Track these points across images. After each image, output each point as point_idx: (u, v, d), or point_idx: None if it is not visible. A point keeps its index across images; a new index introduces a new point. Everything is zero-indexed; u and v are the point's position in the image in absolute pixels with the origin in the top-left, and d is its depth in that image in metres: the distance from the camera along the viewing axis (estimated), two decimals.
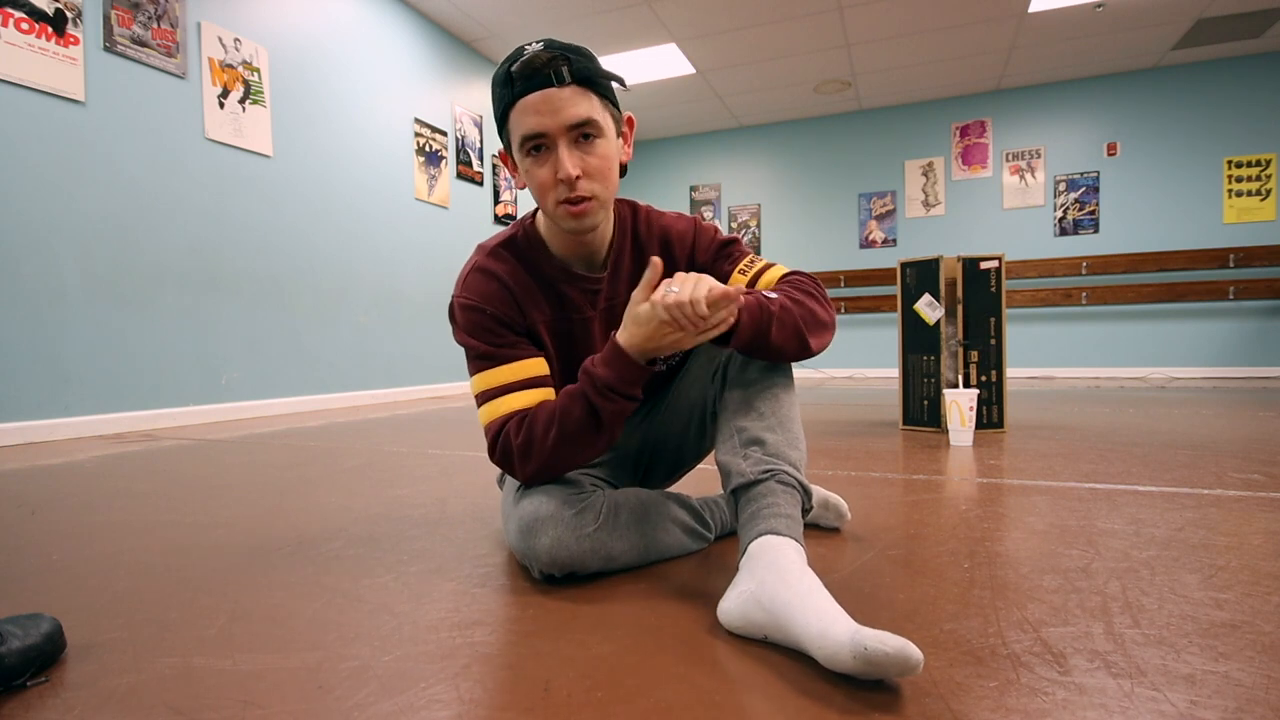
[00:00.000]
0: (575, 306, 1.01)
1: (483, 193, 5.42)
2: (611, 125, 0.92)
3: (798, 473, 0.87)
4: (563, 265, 1.00)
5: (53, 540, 1.24)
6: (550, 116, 0.86)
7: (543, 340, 1.01)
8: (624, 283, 1.03)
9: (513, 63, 0.87)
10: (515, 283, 0.98)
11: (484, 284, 0.97)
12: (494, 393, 0.96)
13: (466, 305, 0.97)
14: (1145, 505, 1.33)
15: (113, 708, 0.63)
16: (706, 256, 1.05)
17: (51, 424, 2.67)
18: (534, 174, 0.89)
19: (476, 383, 0.98)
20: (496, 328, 0.97)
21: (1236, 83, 5.59)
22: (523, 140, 0.88)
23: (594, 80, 0.88)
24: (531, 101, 0.86)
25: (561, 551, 0.90)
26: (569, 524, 0.91)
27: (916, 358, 2.52)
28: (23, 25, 2.60)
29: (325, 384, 3.94)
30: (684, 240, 1.05)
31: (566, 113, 0.86)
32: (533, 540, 0.91)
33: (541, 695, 0.63)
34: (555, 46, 0.87)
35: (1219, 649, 0.70)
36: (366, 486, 1.67)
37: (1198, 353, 5.67)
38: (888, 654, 0.60)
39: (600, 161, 0.89)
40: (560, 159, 0.87)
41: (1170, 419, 2.74)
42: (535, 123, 0.86)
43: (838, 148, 6.81)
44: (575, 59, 0.87)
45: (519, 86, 0.86)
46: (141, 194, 3.00)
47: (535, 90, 0.86)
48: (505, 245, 1.01)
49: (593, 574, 0.96)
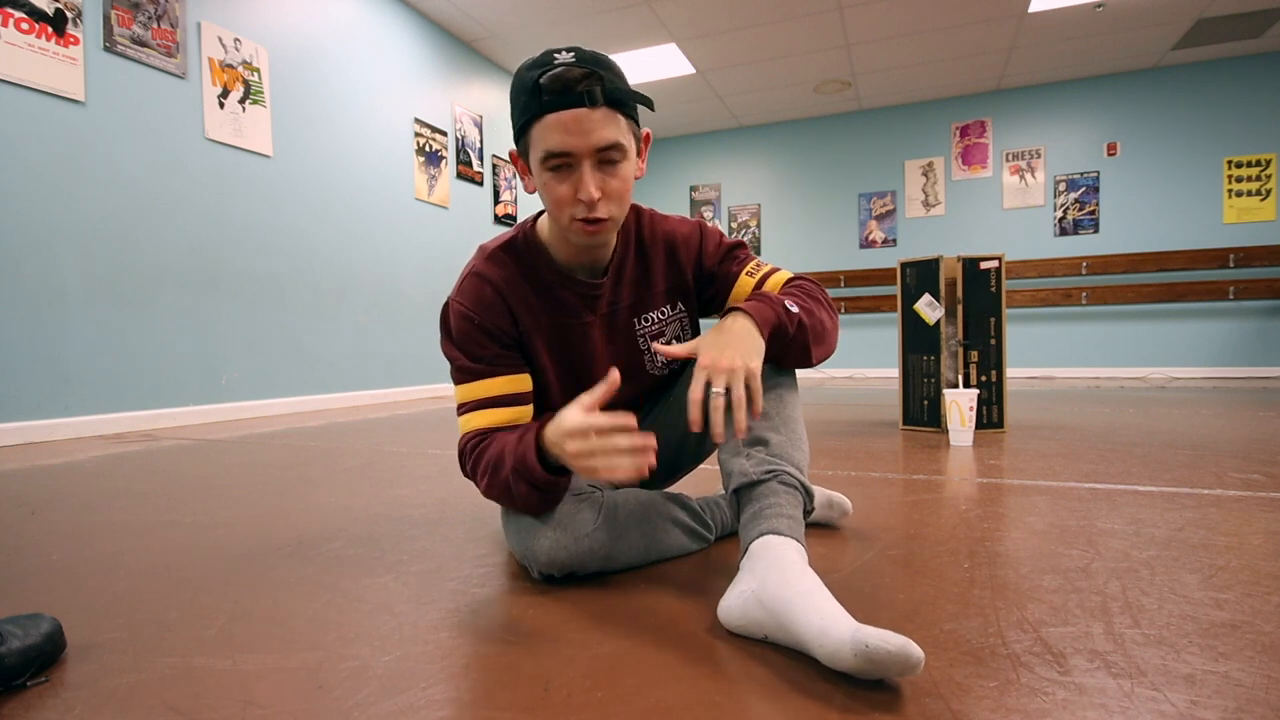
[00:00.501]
0: (574, 311, 1.00)
1: (483, 193, 5.42)
2: (633, 145, 0.91)
3: (800, 474, 0.88)
4: (563, 270, 1.00)
5: (53, 540, 1.24)
6: (580, 138, 0.84)
7: (535, 350, 1.00)
8: (626, 288, 1.03)
9: (542, 71, 0.84)
10: (511, 289, 0.98)
11: (479, 290, 0.97)
12: (468, 406, 0.97)
13: (459, 312, 0.97)
14: (1145, 505, 1.33)
15: (113, 708, 0.63)
16: (713, 260, 1.05)
17: (51, 424, 2.67)
18: (553, 188, 0.88)
19: (459, 393, 0.99)
20: (483, 339, 0.97)
21: (1236, 83, 5.59)
22: (547, 155, 0.86)
23: (624, 102, 0.87)
24: (562, 120, 0.84)
25: (560, 552, 0.91)
26: (568, 525, 0.91)
27: (916, 358, 2.52)
28: (23, 25, 2.60)
29: (325, 384, 3.94)
30: (689, 244, 1.05)
31: (596, 135, 0.85)
32: (531, 541, 0.92)
33: (541, 695, 0.63)
34: (587, 60, 0.85)
35: (1219, 649, 0.70)
36: (366, 486, 1.67)
37: (1198, 353, 5.67)
38: (889, 652, 0.60)
39: (620, 184, 0.89)
40: (584, 180, 0.86)
41: (1170, 419, 2.74)
42: (563, 141, 0.84)
43: (838, 148, 6.81)
44: (608, 78, 0.85)
45: (549, 100, 0.84)
46: (141, 194, 3.00)
47: (566, 108, 0.84)
48: (505, 248, 1.00)
49: (592, 574, 0.96)
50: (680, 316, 1.08)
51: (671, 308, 1.06)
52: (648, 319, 1.05)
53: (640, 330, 1.05)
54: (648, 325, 1.05)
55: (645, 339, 1.05)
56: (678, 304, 1.06)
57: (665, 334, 1.06)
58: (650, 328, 1.05)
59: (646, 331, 1.05)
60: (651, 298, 1.04)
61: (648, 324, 1.05)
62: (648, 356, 1.06)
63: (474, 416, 0.97)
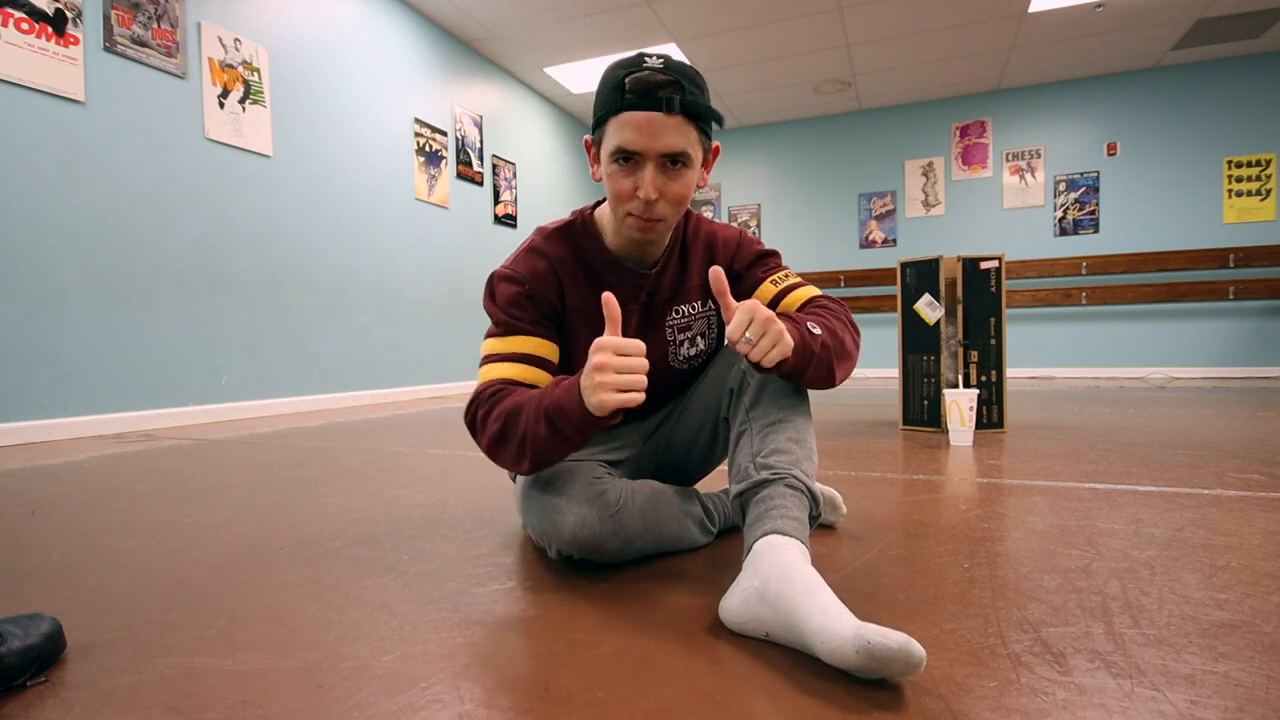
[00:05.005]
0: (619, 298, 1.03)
1: (483, 193, 5.42)
2: (699, 156, 0.95)
3: (807, 479, 0.89)
4: (613, 258, 1.04)
5: (53, 540, 1.24)
6: (650, 139, 0.89)
7: (575, 329, 1.04)
8: (668, 280, 1.07)
9: (630, 71, 0.89)
10: (564, 268, 1.03)
11: (533, 261, 1.02)
12: (495, 357, 0.99)
13: (507, 275, 1.01)
14: (1145, 505, 1.33)
15: (113, 708, 0.63)
16: (744, 264, 1.10)
17: (51, 424, 2.67)
18: (617, 181, 0.93)
19: (485, 346, 1.01)
20: (525, 303, 1.00)
21: (1236, 83, 5.59)
22: (617, 150, 0.91)
23: (699, 115, 0.91)
24: (636, 120, 0.88)
25: (584, 530, 0.92)
26: (593, 503, 0.93)
27: (916, 358, 2.52)
28: (23, 25, 2.60)
29: (325, 384, 3.94)
30: (728, 246, 1.10)
31: (665, 140, 0.89)
32: (556, 518, 0.93)
33: (541, 695, 0.63)
34: (673, 69, 0.89)
35: (1219, 649, 0.70)
36: (366, 486, 1.67)
37: (1198, 353, 5.67)
38: (891, 650, 0.60)
39: (681, 189, 0.93)
40: (646, 179, 0.90)
41: (1170, 419, 2.74)
42: (633, 139, 0.89)
43: (838, 148, 6.81)
44: (689, 89, 0.89)
45: (629, 99, 0.88)
46: (141, 194, 3.00)
47: (643, 110, 0.88)
48: (562, 231, 1.05)
49: (604, 563, 0.97)
50: (709, 314, 1.12)
51: (702, 304, 1.11)
52: (679, 312, 1.09)
53: (670, 322, 1.09)
54: (678, 318, 1.09)
55: (674, 330, 1.09)
56: (708, 301, 1.11)
57: (692, 329, 1.11)
58: (680, 320, 1.09)
59: (675, 324, 1.09)
60: (686, 292, 1.09)
61: (678, 317, 1.09)
62: (672, 348, 1.10)
63: (497, 367, 0.98)
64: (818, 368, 0.92)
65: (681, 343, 1.10)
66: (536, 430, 0.88)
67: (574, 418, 0.85)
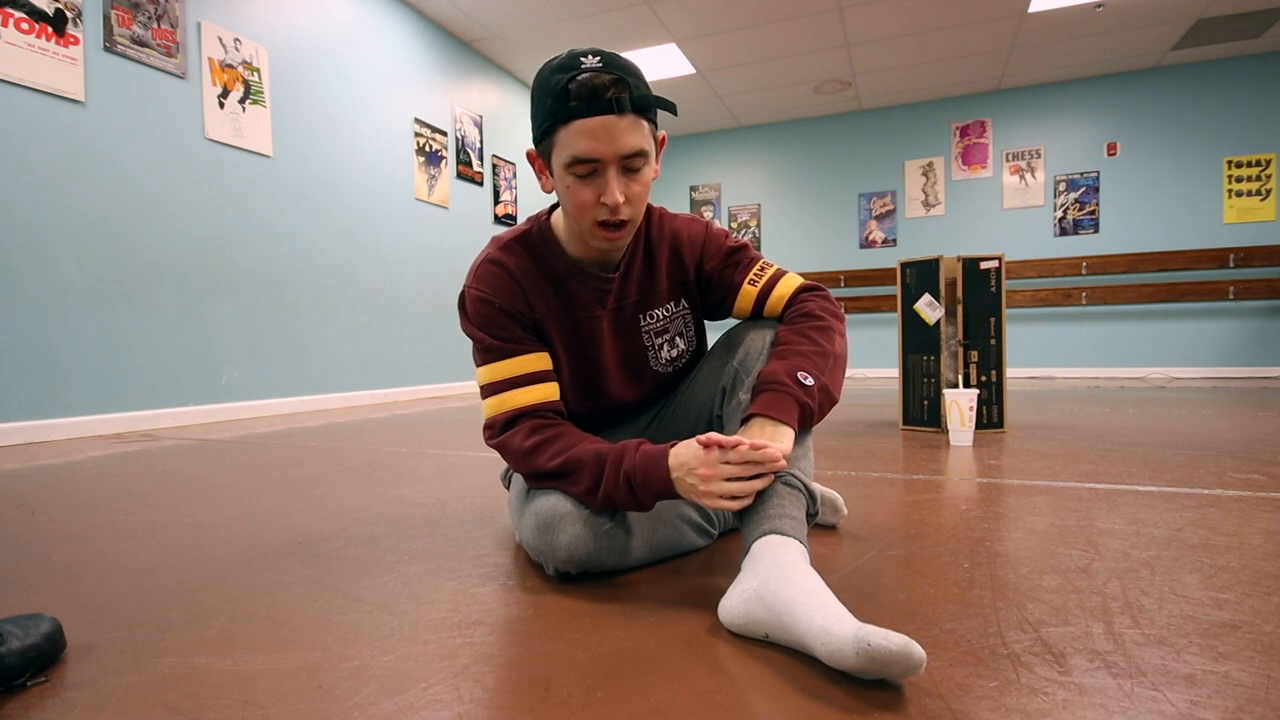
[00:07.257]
0: (583, 304, 1.03)
1: (483, 193, 5.42)
2: (653, 149, 0.93)
3: (804, 477, 0.88)
4: (574, 263, 1.02)
5: (53, 540, 1.24)
6: (608, 144, 0.86)
7: (550, 337, 1.02)
8: (634, 283, 1.05)
9: (570, 75, 0.85)
10: (525, 277, 1.00)
11: (494, 276, 0.99)
12: (501, 386, 0.98)
13: (477, 296, 0.99)
14: (1145, 505, 1.33)
15: (113, 708, 0.63)
16: (715, 263, 1.06)
17: (51, 424, 2.67)
18: (576, 192, 0.89)
19: (483, 374, 1.00)
20: (504, 320, 0.98)
21: (1236, 83, 5.59)
22: (573, 160, 0.87)
23: (648, 108, 0.89)
24: (590, 127, 0.85)
25: (579, 548, 0.91)
26: (587, 520, 0.92)
27: (916, 358, 2.52)
28: (23, 25, 2.60)
29: (325, 384, 3.94)
30: (694, 245, 1.07)
31: (622, 142, 0.86)
32: (551, 537, 0.92)
33: (541, 695, 0.63)
34: (614, 66, 0.86)
35: (1219, 649, 0.70)
36: (366, 486, 1.67)
37: (1198, 353, 5.67)
38: (891, 651, 0.60)
39: (642, 189, 0.91)
40: (610, 187, 0.88)
41: (1170, 419, 2.74)
42: (590, 148, 0.86)
43: (838, 148, 6.81)
44: (634, 85, 0.86)
45: (577, 106, 0.85)
46: (141, 194, 3.00)
47: (595, 115, 0.84)
48: (518, 240, 1.02)
49: (603, 573, 0.96)
50: (683, 314, 1.10)
51: (675, 304, 1.08)
52: (652, 315, 1.07)
53: (645, 326, 1.07)
54: (652, 322, 1.07)
55: (650, 335, 1.07)
56: (680, 301, 1.09)
57: (670, 330, 1.09)
58: (654, 324, 1.07)
59: (651, 328, 1.07)
60: (656, 295, 1.06)
61: (652, 320, 1.07)
62: (652, 353, 1.08)
63: (511, 396, 0.98)
64: (821, 412, 0.93)
65: (661, 346, 1.08)
66: (613, 487, 0.89)
67: (655, 488, 0.88)
